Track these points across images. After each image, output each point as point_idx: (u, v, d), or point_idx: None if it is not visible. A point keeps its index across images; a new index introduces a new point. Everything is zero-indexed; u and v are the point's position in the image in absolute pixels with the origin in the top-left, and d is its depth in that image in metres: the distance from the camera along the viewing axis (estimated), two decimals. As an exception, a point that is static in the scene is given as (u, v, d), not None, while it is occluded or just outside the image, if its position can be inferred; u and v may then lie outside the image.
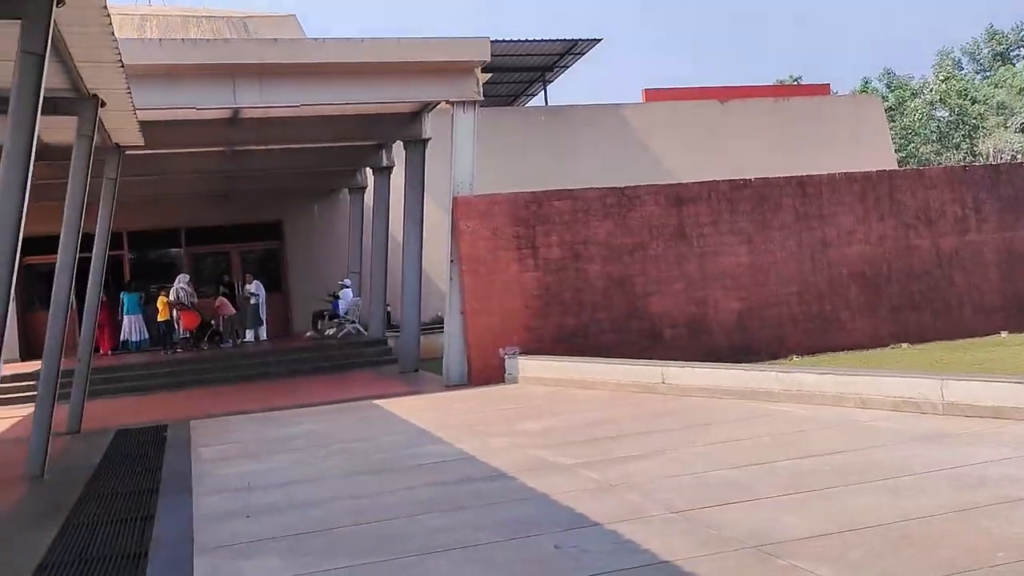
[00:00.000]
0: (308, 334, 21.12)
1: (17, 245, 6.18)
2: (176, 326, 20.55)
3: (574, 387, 12.28)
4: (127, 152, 12.92)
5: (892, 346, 15.08)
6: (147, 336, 21.23)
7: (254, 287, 21.52)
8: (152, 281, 23.10)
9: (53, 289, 9.41)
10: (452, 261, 14.03)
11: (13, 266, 6.13)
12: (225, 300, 21.18)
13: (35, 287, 22.62)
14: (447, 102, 14.12)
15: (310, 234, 24.64)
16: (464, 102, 13.96)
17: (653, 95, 28.30)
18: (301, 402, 13.44)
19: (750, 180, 15.66)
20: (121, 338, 21.23)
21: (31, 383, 16.76)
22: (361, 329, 20.99)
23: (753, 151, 25.13)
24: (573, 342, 14.22)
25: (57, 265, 9.40)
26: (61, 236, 9.31)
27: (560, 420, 9.98)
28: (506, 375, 13.82)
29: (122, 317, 21.26)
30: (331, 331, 21.05)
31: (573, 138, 26.37)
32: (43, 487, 8.59)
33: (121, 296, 21.29)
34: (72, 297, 9.98)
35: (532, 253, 14.13)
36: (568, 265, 14.31)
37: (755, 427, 8.65)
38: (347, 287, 21.55)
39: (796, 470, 6.83)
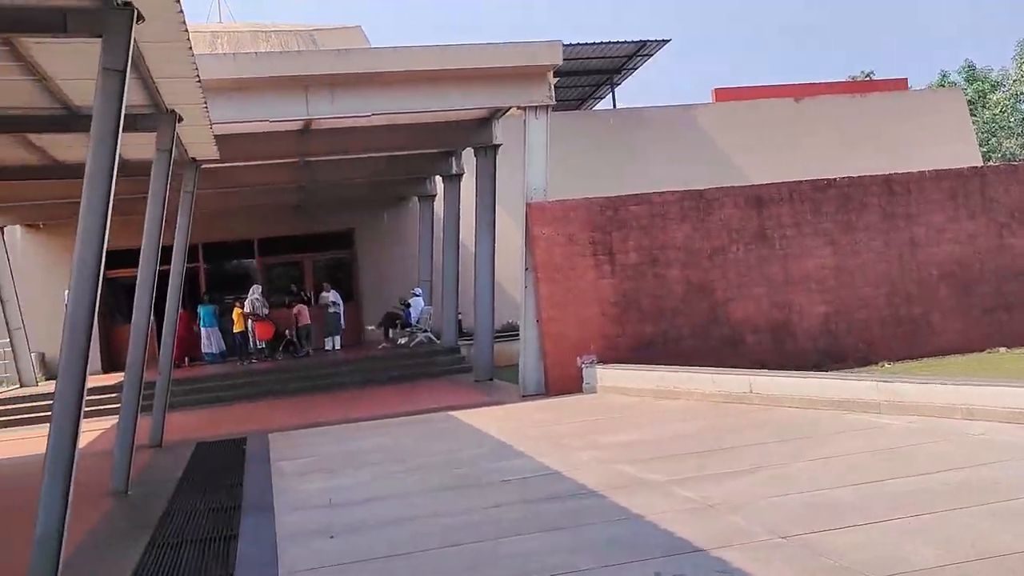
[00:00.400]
0: (381, 345, 21.08)
1: (102, 259, 6.11)
2: (251, 337, 20.71)
3: (656, 397, 11.91)
4: (203, 166, 12.99)
5: (989, 351, 14.35)
6: (224, 348, 21.35)
7: (333, 295, 21.59)
8: (227, 292, 23.39)
9: (134, 302, 9.42)
10: (527, 269, 13.78)
11: (99, 279, 6.06)
12: (303, 307, 21.30)
13: (116, 300, 23.08)
14: (519, 107, 13.88)
15: (381, 243, 24.66)
16: (536, 107, 13.72)
17: (723, 95, 27.69)
18: (377, 413, 13.34)
19: (834, 179, 15.10)
20: (201, 350, 21.36)
21: (113, 395, 17.04)
22: (433, 338, 20.90)
23: (829, 149, 24.40)
24: (652, 350, 13.85)
25: (138, 279, 9.41)
26: (142, 250, 9.32)
27: (646, 433, 9.63)
28: (584, 384, 13.51)
29: (199, 329, 21.40)
30: (403, 340, 21.00)
31: (643, 141, 25.93)
32: (128, 503, 8.57)
33: (197, 308, 21.46)
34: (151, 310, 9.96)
35: (609, 259, 13.80)
36: (646, 271, 13.95)
37: (858, 441, 8.18)
38: (418, 296, 21.49)
39: (910, 489, 6.38)
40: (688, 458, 8.15)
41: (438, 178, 21.95)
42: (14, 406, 17.29)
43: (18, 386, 20.05)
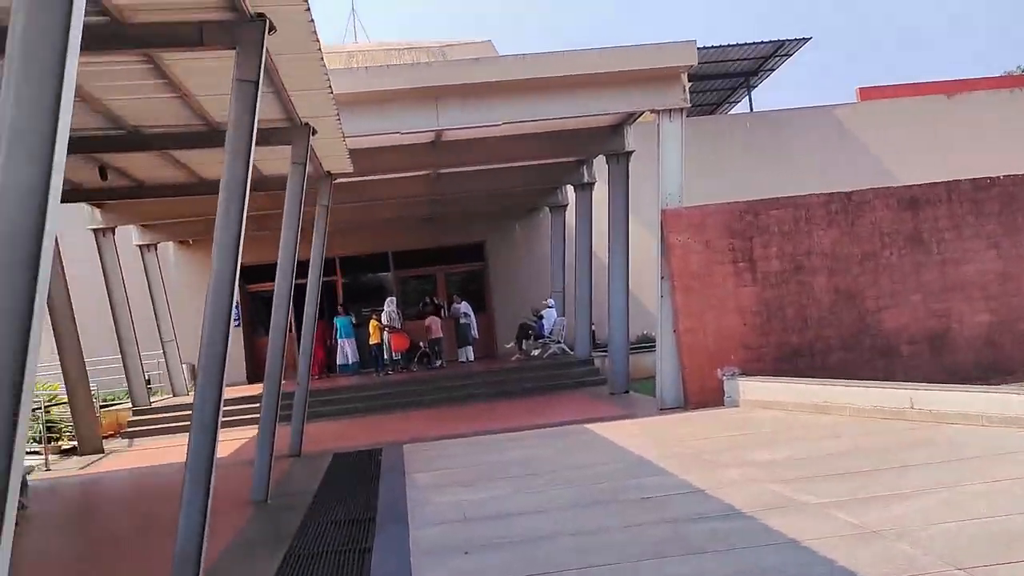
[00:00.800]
0: (515, 356, 20.94)
1: (236, 269, 6.14)
2: (386, 349, 20.96)
3: (805, 411, 11.21)
4: (337, 179, 13.17)
5: None
6: (359, 359, 21.61)
7: (464, 307, 21.69)
8: (363, 304, 23.84)
9: (272, 315, 9.54)
10: (663, 277, 13.32)
11: (234, 288, 6.08)
12: (435, 319, 21.45)
13: (259, 313, 23.90)
14: (652, 111, 13.47)
15: (512, 254, 24.62)
16: (671, 110, 13.27)
17: (868, 93, 26.34)
18: (511, 425, 13.14)
19: (997, 178, 13.95)
20: (337, 362, 21.68)
21: (256, 405, 17.55)
22: (567, 349, 20.62)
23: (985, 147, 22.78)
24: (797, 362, 13.12)
25: (275, 291, 9.54)
26: (278, 263, 9.44)
27: (796, 450, 9.01)
28: (725, 397, 12.92)
29: (335, 341, 21.70)
30: (536, 351, 20.81)
31: (781, 143, 24.96)
32: (267, 512, 8.64)
33: (334, 320, 21.76)
34: (292, 322, 10.07)
35: (749, 266, 13.17)
36: (789, 278, 13.24)
37: (1039, 462, 7.38)
38: (551, 307, 21.27)
39: (1111, 518, 5.63)
40: (845, 478, 7.53)
41: (569, 187, 21.73)
42: (166, 415, 18.03)
43: (171, 395, 20.98)
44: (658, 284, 13.37)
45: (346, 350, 21.62)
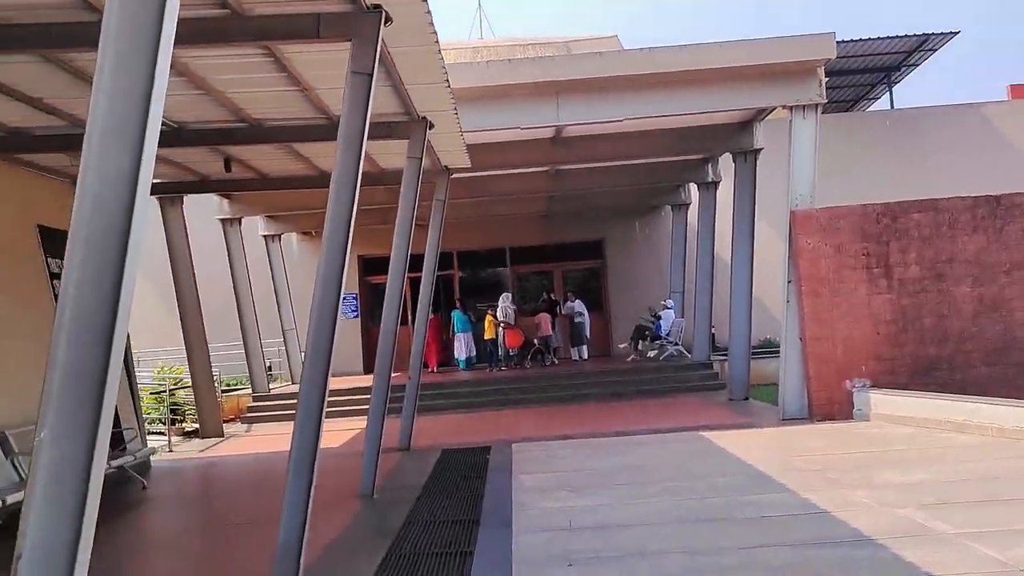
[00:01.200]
0: (630, 357, 20.51)
1: (344, 261, 6.04)
2: (501, 344, 20.87)
3: (942, 430, 10.43)
4: (454, 175, 13.08)
5: None
6: (474, 353, 21.49)
7: (578, 305, 21.39)
8: (478, 299, 23.88)
9: (384, 308, 9.50)
10: (789, 282, 12.67)
11: (340, 280, 5.99)
12: (547, 316, 21.18)
13: (378, 305, 24.25)
14: (784, 107, 12.83)
15: (631, 253, 24.16)
16: (805, 106, 12.59)
17: (1022, 91, 24.63)
18: (623, 429, 12.78)
19: None
20: (455, 356, 21.61)
21: (369, 396, 17.74)
22: (684, 351, 20.06)
23: None
24: (934, 376, 12.25)
25: (388, 285, 9.49)
26: (391, 256, 9.39)
27: (933, 472, 8.33)
28: (854, 411, 12.19)
29: (453, 335, 21.68)
30: (652, 353, 20.32)
31: (922, 143, 23.61)
32: (372, 507, 8.59)
33: (451, 314, 21.74)
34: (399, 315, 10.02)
35: (884, 272, 12.38)
36: (928, 287, 12.38)
37: None
38: (669, 308, 20.73)
39: None
40: (988, 507, 6.88)
41: (692, 186, 21.12)
42: (283, 401, 18.45)
43: (289, 383, 21.51)
44: (784, 288, 12.72)
45: (463, 344, 21.48)
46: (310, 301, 17.62)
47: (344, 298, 24.59)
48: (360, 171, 6.09)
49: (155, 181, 12.68)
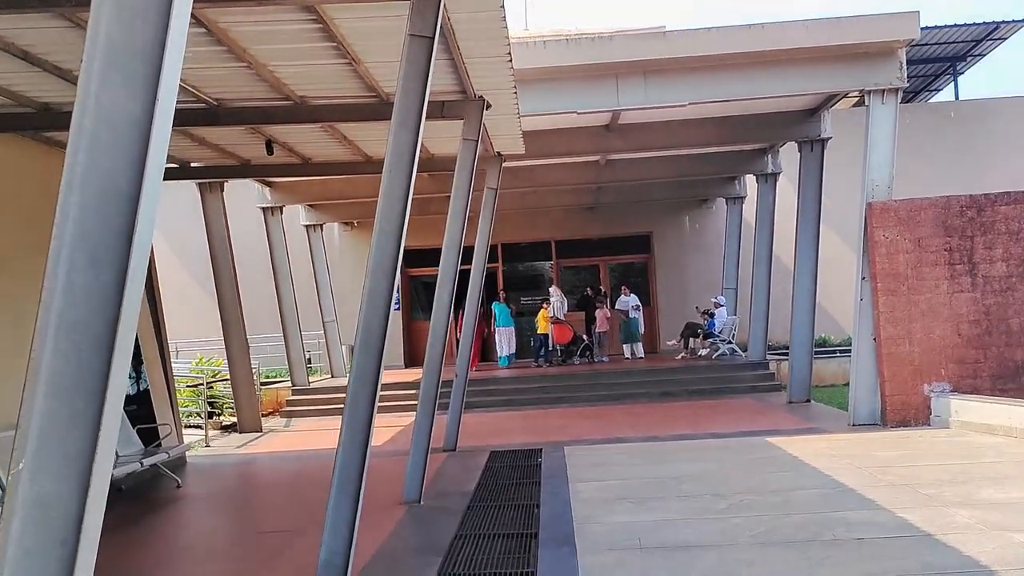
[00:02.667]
0: (680, 355, 19.74)
1: (399, 250, 5.42)
2: (551, 340, 20.17)
3: (1037, 442, 9.58)
4: (507, 162, 12.41)
5: None
6: (515, 350, 20.53)
7: (633, 300, 20.58)
8: (522, 294, 23.23)
9: (434, 301, 8.86)
10: (863, 278, 11.84)
11: (395, 271, 5.37)
12: (605, 313, 20.38)
13: (419, 298, 23.72)
14: (861, 92, 11.98)
15: (680, 247, 23.36)
16: (884, 90, 11.75)
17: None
18: (680, 432, 12.06)
19: None
20: (497, 352, 20.45)
21: (412, 391, 17.18)
22: (737, 350, 19.24)
23: None
24: (1021, 381, 11.36)
25: (439, 276, 8.84)
26: (443, 245, 8.75)
27: (1039, 490, 7.52)
28: (932, 416, 11.35)
29: (493, 330, 20.65)
30: (704, 351, 19.52)
31: (992, 136, 22.54)
32: (419, 516, 7.95)
33: (492, 307, 20.55)
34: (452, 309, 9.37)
35: (968, 269, 11.50)
36: (1016, 285, 11.48)
37: None
38: (721, 305, 19.92)
39: None
40: (1119, 536, 6.07)
41: (747, 178, 20.29)
42: (324, 395, 17.96)
43: (330, 376, 21.03)
44: (857, 285, 11.89)
45: (503, 340, 20.47)
46: (351, 293, 17.17)
47: (385, 290, 24.35)
48: (418, 152, 5.43)
49: (193, 165, 12.19)
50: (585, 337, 20.40)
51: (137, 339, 10.81)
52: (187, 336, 21.03)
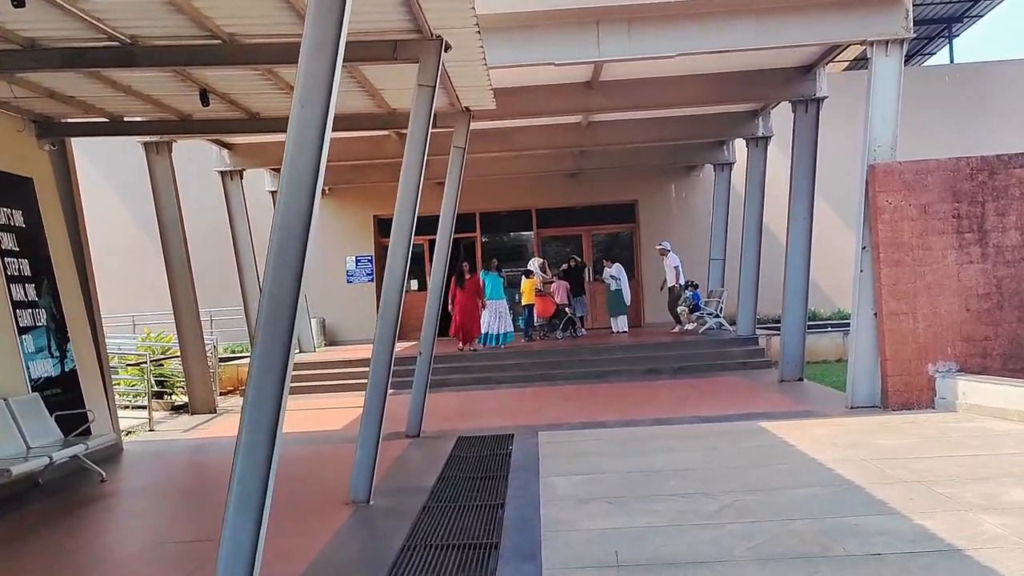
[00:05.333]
0: (676, 328, 18.70)
1: (315, 198, 4.39)
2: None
3: (1059, 429, 8.66)
4: (476, 118, 11.29)
5: None
6: (511, 328, 17.82)
7: (615, 270, 19.39)
8: (502, 264, 22.18)
9: (385, 270, 7.79)
10: (863, 248, 10.85)
11: (309, 225, 4.32)
12: (564, 285, 19.18)
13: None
14: (863, 43, 10.92)
15: (667, 216, 22.37)
16: (888, 41, 10.69)
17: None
18: (665, 415, 11.10)
19: None
20: (482, 329, 17.38)
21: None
22: (725, 324, 18.30)
23: None
24: (1034, 360, 10.46)
25: (391, 240, 7.75)
26: (395, 212, 7.66)
27: (1074, 489, 6.58)
28: (937, 399, 10.43)
29: (483, 302, 17.71)
30: (691, 326, 18.56)
31: (989, 101, 21.60)
32: (365, 520, 6.93)
33: (482, 277, 17.74)
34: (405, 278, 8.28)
35: (979, 238, 10.53)
36: (1031, 255, 10.53)
37: None
38: (667, 251, 18.83)
39: None
40: None
41: (736, 143, 19.25)
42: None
43: (297, 351, 19.95)
44: (857, 255, 10.91)
45: (495, 315, 17.53)
46: (321, 265, 15.87)
47: (358, 260, 23.17)
48: (336, 80, 4.34)
49: (129, 119, 11.01)
50: (568, 310, 19.38)
51: (61, 314, 9.70)
52: (150, 308, 19.87)
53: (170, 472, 9.42)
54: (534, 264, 19.33)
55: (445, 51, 7.73)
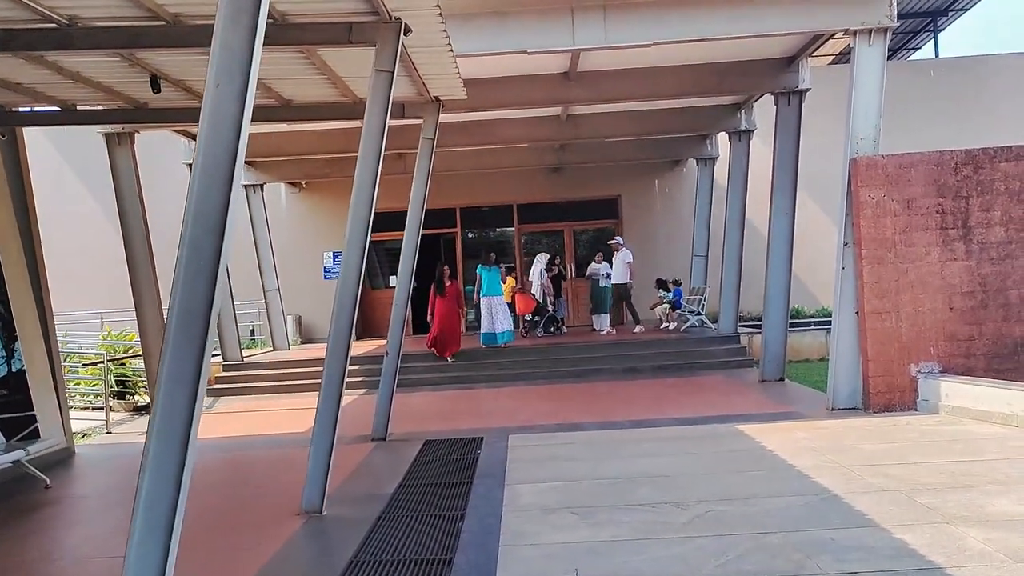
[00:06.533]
0: (664, 325, 18.31)
1: (232, 182, 3.92)
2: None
3: (1046, 433, 8.34)
4: (454, 118, 10.89)
5: None
6: (511, 327, 16.67)
7: (604, 268, 18.85)
8: (479, 262, 21.79)
9: (342, 267, 7.39)
10: (845, 244, 10.51)
11: (225, 215, 3.89)
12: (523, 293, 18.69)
13: (372, 264, 22.22)
14: (846, 32, 10.57)
15: (650, 212, 22.04)
16: (871, 30, 10.34)
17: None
18: (643, 417, 10.76)
19: None
20: (482, 328, 16.60)
21: (354, 367, 15.75)
22: (707, 321, 17.98)
23: None
24: (1020, 360, 10.14)
25: (347, 235, 7.35)
26: (351, 200, 7.26)
27: (1063, 500, 6.25)
28: (919, 400, 10.11)
29: (477, 300, 16.83)
30: (672, 325, 18.22)
31: (977, 96, 21.34)
32: (315, 533, 6.53)
33: (478, 272, 16.87)
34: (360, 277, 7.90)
35: (963, 235, 10.21)
36: (1016, 252, 10.21)
37: None
38: (621, 247, 18.37)
39: None
40: None
41: (719, 137, 18.93)
42: (259, 371, 16.48)
43: (271, 349, 19.55)
44: (839, 252, 10.57)
45: (494, 312, 16.45)
46: (298, 260, 15.44)
47: (335, 256, 22.67)
48: (257, 51, 3.94)
49: (84, 108, 10.56)
50: (550, 307, 18.99)
51: (9, 312, 9.26)
52: (120, 306, 19.39)
53: (120, 478, 8.97)
54: (542, 260, 18.68)
55: (405, 35, 7.33)
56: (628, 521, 6.20)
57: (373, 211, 7.22)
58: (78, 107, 10.18)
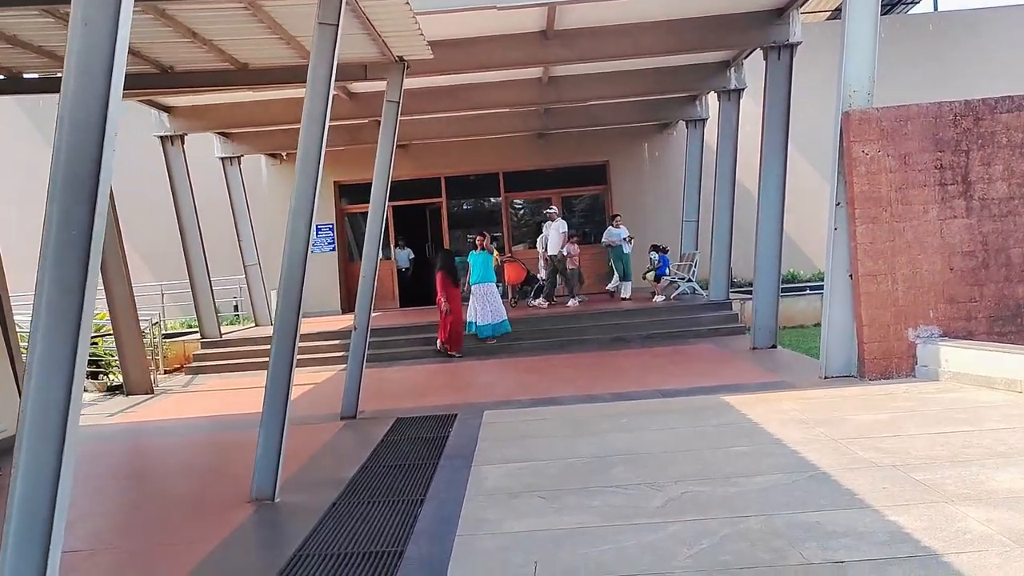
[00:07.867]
0: (658, 297, 17.70)
1: (106, 134, 3.36)
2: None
3: (1050, 399, 7.85)
4: (431, 82, 10.28)
5: None
6: (503, 317, 15.02)
7: (622, 231, 18.12)
8: (468, 231, 21.24)
9: (287, 244, 6.85)
10: (838, 204, 9.96)
11: (98, 185, 3.34)
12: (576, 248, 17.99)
13: (358, 237, 21.69)
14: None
15: (639, 177, 21.45)
16: (863, -26, 9.73)
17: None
18: (626, 389, 10.30)
19: None
20: (467, 317, 14.91)
21: (336, 341, 15.30)
22: (698, 288, 17.46)
23: None
24: (1022, 322, 9.64)
25: (292, 203, 6.78)
26: (296, 167, 6.70)
27: (1069, 473, 5.76)
28: (918, 367, 9.61)
29: (467, 287, 15.21)
30: (660, 298, 17.67)
31: (977, 51, 20.65)
32: (263, 522, 6.06)
33: (469, 259, 15.45)
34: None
35: (963, 191, 9.65)
36: (1019, 208, 9.67)
37: None
38: (556, 217, 17.72)
39: None
40: None
41: (709, 98, 18.30)
42: (238, 348, 16.00)
43: (253, 325, 19.07)
44: (831, 212, 10.02)
45: (483, 302, 14.93)
46: (277, 234, 14.81)
47: (318, 229, 22.15)
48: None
49: (27, 76, 9.97)
50: (540, 277, 18.46)
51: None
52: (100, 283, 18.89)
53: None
54: (560, 226, 17.79)
55: (353, -15, 6.75)
56: (597, 506, 5.72)
57: (320, 179, 6.66)
58: (25, 75, 9.60)
